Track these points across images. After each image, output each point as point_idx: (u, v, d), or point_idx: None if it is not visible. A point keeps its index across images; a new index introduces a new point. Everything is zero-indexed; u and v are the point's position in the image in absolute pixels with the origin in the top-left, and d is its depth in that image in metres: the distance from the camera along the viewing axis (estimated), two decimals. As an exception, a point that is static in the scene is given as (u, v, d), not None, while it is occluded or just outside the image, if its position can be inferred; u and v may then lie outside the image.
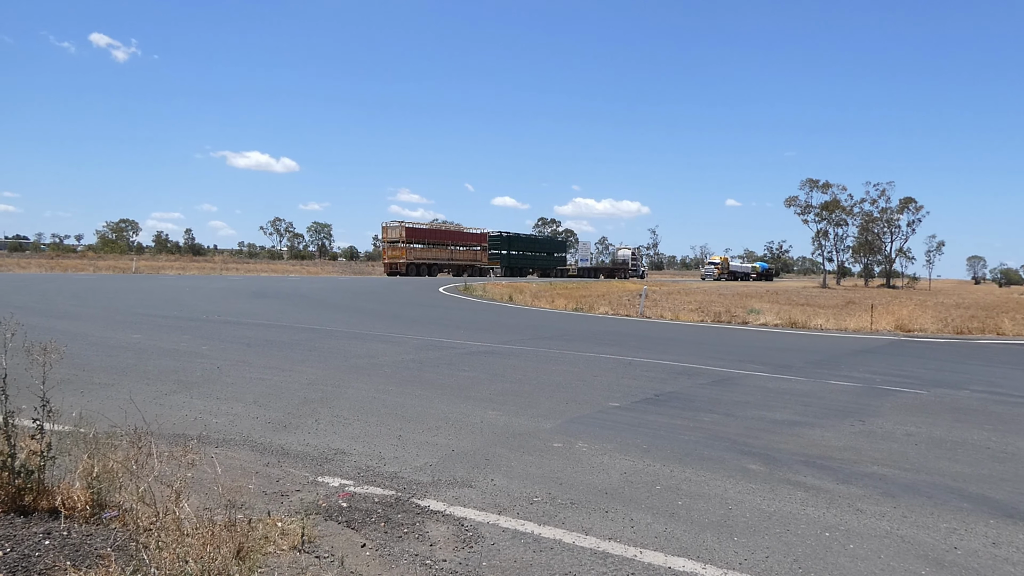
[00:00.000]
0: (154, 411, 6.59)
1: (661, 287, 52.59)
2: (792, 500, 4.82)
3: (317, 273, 67.35)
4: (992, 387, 10.23)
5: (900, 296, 52.69)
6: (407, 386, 8.57)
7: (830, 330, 19.88)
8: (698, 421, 7.20)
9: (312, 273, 66.60)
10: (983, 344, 17.41)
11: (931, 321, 22.57)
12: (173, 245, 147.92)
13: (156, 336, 12.64)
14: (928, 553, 3.98)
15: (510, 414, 7.20)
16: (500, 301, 29.21)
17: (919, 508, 4.75)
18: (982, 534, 4.31)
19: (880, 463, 5.84)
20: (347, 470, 5.14)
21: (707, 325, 20.70)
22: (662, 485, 5.05)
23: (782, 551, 3.93)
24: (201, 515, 3.42)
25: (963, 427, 7.37)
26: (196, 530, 3.12)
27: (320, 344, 12.34)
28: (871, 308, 24.41)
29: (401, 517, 4.25)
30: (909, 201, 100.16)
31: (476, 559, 3.70)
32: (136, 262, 64.56)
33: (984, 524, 4.48)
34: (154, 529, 3.13)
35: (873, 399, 8.85)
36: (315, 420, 6.62)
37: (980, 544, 4.15)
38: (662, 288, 50.17)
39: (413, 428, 6.46)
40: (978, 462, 5.99)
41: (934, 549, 4.04)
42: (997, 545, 4.14)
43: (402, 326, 16.79)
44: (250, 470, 5.02)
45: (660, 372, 10.48)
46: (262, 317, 17.75)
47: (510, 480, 5.04)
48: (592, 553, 3.82)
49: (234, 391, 7.85)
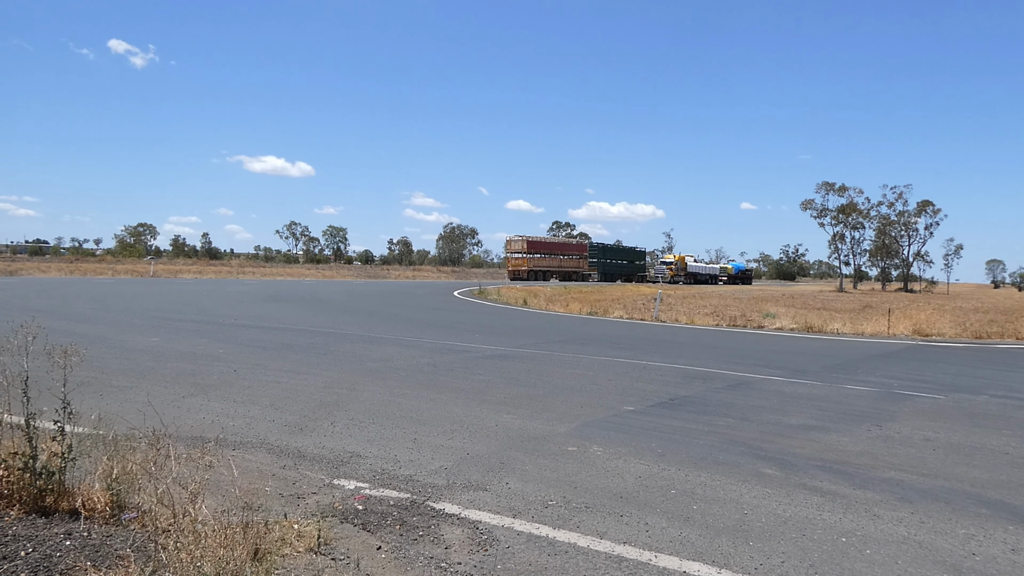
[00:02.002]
0: (172, 413, 6.65)
1: (676, 291, 52.43)
2: (808, 505, 4.79)
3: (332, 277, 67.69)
4: (1011, 392, 10.12)
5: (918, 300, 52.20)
6: (422, 389, 8.60)
7: (847, 334, 19.74)
8: (713, 425, 7.18)
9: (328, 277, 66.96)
10: (1002, 349, 17.22)
11: (949, 325, 22.35)
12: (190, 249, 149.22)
13: (173, 339, 12.76)
14: (946, 559, 3.95)
15: (525, 418, 7.21)
16: (515, 305, 29.24)
17: (937, 514, 4.71)
18: (1001, 540, 4.27)
19: (897, 468, 5.79)
20: (363, 473, 5.17)
21: (722, 329, 20.61)
22: (677, 489, 5.04)
23: (798, 556, 3.92)
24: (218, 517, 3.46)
25: (981, 432, 7.29)
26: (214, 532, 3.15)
27: (335, 347, 12.41)
28: (888, 312, 24.21)
29: (416, 520, 4.26)
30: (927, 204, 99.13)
31: (491, 562, 3.71)
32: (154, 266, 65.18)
33: (1003, 530, 4.44)
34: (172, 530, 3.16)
35: (890, 404, 8.78)
36: (331, 423, 6.66)
37: (999, 550, 4.11)
38: (677, 292, 50.01)
39: (428, 431, 6.48)
40: (996, 468, 5.93)
41: (952, 555, 4.01)
42: (1016, 551, 4.10)
43: (417, 330, 16.85)
44: (267, 472, 5.06)
45: (675, 376, 10.45)
46: (278, 321, 17.87)
47: (525, 483, 5.05)
48: (607, 557, 3.82)
49: (250, 394, 7.91)
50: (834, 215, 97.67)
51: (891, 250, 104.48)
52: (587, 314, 24.86)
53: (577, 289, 47.30)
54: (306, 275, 68.09)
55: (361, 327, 16.99)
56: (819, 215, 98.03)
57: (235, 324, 16.32)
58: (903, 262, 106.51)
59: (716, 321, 22.44)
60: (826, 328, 20.77)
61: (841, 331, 20.32)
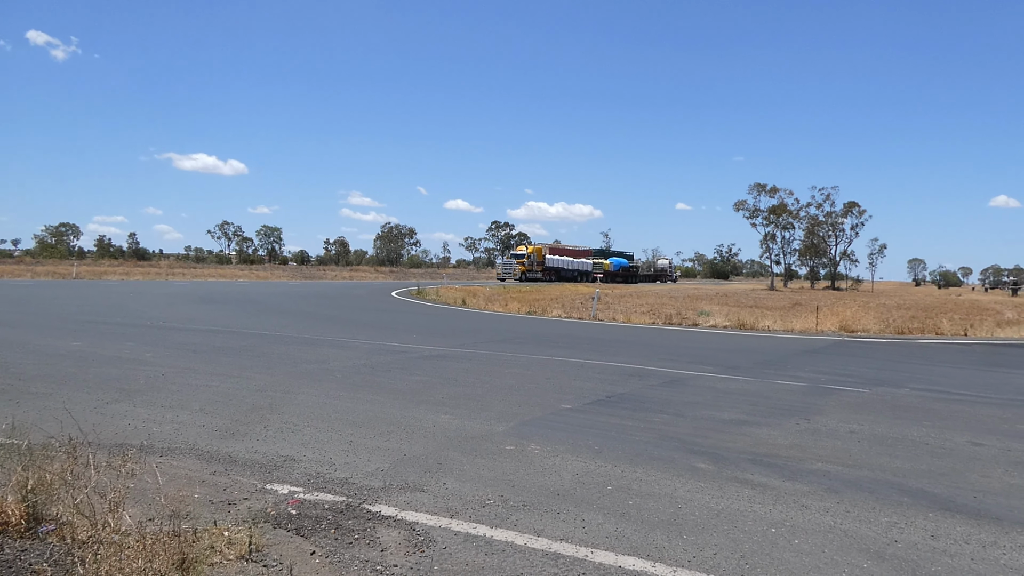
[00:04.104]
0: (94, 420, 6.38)
1: (614, 290, 53.07)
2: (740, 498, 4.90)
3: (267, 278, 66.22)
4: (931, 385, 10.57)
5: (844, 298, 54.10)
6: (358, 391, 8.48)
7: (777, 331, 20.31)
8: (649, 422, 7.28)
9: (262, 278, 65.48)
10: (923, 344, 17.97)
11: (873, 322, 23.23)
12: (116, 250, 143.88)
13: (98, 343, 12.27)
14: (870, 547, 4.09)
15: (463, 418, 7.18)
16: (453, 305, 29.14)
17: (861, 503, 4.87)
18: (921, 527, 4.44)
19: (824, 460, 5.98)
20: (297, 477, 5.06)
21: (659, 327, 20.96)
22: (613, 485, 5.09)
23: (729, 548, 4.00)
24: (142, 526, 3.33)
25: (903, 424, 7.59)
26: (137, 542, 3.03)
27: (269, 350, 12.13)
28: (816, 310, 25.01)
29: (352, 523, 4.19)
30: (853, 205, 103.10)
31: (428, 563, 3.67)
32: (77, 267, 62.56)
33: (923, 518, 4.62)
34: (91, 542, 3.03)
35: (818, 398, 9.06)
36: (264, 427, 6.50)
37: (919, 537, 4.27)
38: (614, 291, 50.64)
39: (364, 433, 6.39)
40: (917, 457, 6.18)
41: (876, 543, 4.15)
42: (936, 538, 4.27)
43: (354, 330, 16.62)
44: (196, 479, 4.90)
45: (612, 374, 10.57)
46: (209, 323, 17.38)
47: (462, 483, 5.02)
48: (544, 554, 3.83)
49: (179, 399, 7.66)
50: (765, 216, 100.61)
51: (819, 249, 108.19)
52: (526, 314, 24.95)
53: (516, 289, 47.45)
54: (239, 276, 66.49)
55: (296, 329, 16.66)
56: (751, 216, 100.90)
57: (164, 327, 15.80)
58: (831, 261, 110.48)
59: (652, 319, 22.80)
60: (758, 325, 21.33)
61: (772, 328, 20.90)
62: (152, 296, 28.72)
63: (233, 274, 70.50)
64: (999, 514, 4.74)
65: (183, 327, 15.95)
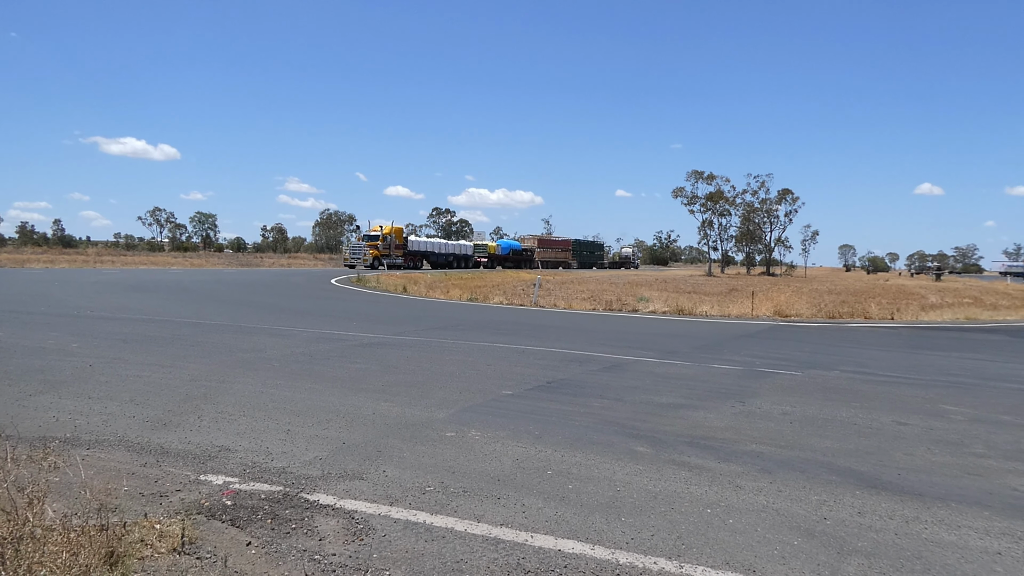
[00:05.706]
0: (15, 413, 6.13)
1: (554, 276, 53.40)
2: (677, 480, 5.00)
3: (202, 265, 64.47)
4: (860, 367, 10.95)
5: (779, 283, 55.58)
6: (296, 380, 8.33)
7: (714, 316, 20.75)
8: (589, 407, 7.35)
9: (196, 265, 63.70)
10: (852, 327, 18.61)
11: (806, 307, 23.94)
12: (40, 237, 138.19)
13: (19, 333, 11.76)
14: (801, 524, 4.22)
15: (403, 405, 7.13)
16: (394, 292, 28.88)
17: (793, 482, 5.02)
18: (849, 504, 4.61)
19: (758, 441, 6.14)
20: (232, 467, 4.95)
21: (599, 313, 21.17)
22: (553, 470, 5.13)
23: (667, 529, 4.07)
24: (67, 519, 3.20)
25: (833, 405, 7.85)
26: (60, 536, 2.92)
27: (203, 339, 11.82)
28: (752, 295, 25.64)
29: (289, 513, 4.13)
30: (786, 192, 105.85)
31: (367, 551, 3.64)
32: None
33: (851, 495, 4.79)
34: (11, 538, 2.90)
35: (753, 381, 9.29)
36: (198, 417, 6.34)
37: (847, 514, 4.43)
38: (555, 278, 50.94)
39: (303, 422, 6.29)
40: (846, 437, 6.40)
41: (806, 520, 4.29)
42: (862, 514, 4.43)
43: (292, 319, 16.32)
44: (125, 471, 4.74)
45: (553, 360, 10.64)
46: (140, 312, 16.83)
47: (402, 471, 4.99)
48: (484, 540, 3.83)
49: (108, 390, 7.40)
50: (703, 203, 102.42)
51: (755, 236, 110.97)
52: (467, 300, 24.90)
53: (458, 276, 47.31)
54: (172, 264, 64.53)
55: (232, 317, 16.27)
56: (689, 202, 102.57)
57: (92, 316, 15.23)
58: (766, 247, 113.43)
59: (593, 305, 23.02)
60: (696, 311, 21.75)
61: (709, 313, 21.34)
62: (79, 284, 27.64)
63: (166, 261, 68.39)
64: (922, 490, 4.94)
65: (112, 316, 15.41)
